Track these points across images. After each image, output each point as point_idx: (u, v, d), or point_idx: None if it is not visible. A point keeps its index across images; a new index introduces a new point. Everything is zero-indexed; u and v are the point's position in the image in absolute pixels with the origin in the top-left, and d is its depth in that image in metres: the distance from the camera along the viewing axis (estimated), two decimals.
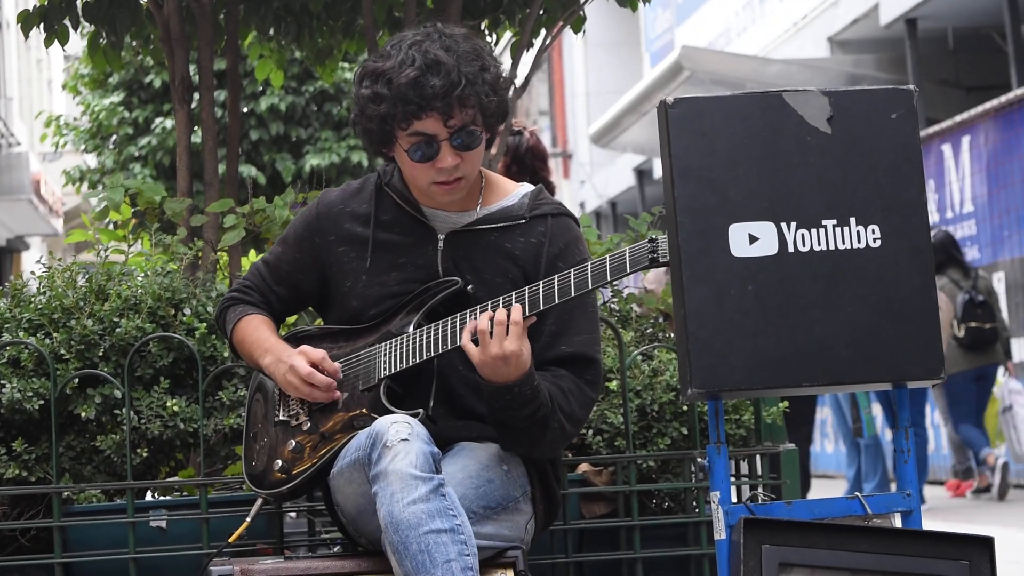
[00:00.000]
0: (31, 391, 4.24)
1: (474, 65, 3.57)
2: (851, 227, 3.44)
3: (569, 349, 3.64)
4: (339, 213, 3.77)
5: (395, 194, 3.74)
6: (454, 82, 3.53)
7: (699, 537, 4.33)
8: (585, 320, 3.67)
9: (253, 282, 3.87)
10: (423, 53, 3.55)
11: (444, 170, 3.59)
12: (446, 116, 3.55)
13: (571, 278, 3.45)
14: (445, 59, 3.54)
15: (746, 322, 3.38)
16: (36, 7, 5.68)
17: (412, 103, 3.53)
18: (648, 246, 3.40)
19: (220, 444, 4.35)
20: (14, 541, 4.32)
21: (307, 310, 4.20)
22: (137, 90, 14.84)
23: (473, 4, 5.75)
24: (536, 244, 3.65)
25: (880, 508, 3.58)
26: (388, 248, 3.71)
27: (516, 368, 3.46)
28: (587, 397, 3.65)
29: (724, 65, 18.85)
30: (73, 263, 4.58)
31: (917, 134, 3.52)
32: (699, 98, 3.48)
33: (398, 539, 3.32)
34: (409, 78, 3.52)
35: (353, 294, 3.72)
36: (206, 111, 5.56)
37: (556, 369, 3.62)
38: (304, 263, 3.80)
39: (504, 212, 3.72)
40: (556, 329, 3.64)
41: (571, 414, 3.60)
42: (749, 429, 4.48)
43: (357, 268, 3.72)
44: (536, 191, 3.77)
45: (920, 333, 3.46)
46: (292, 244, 3.82)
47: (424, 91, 3.52)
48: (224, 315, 3.87)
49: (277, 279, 3.84)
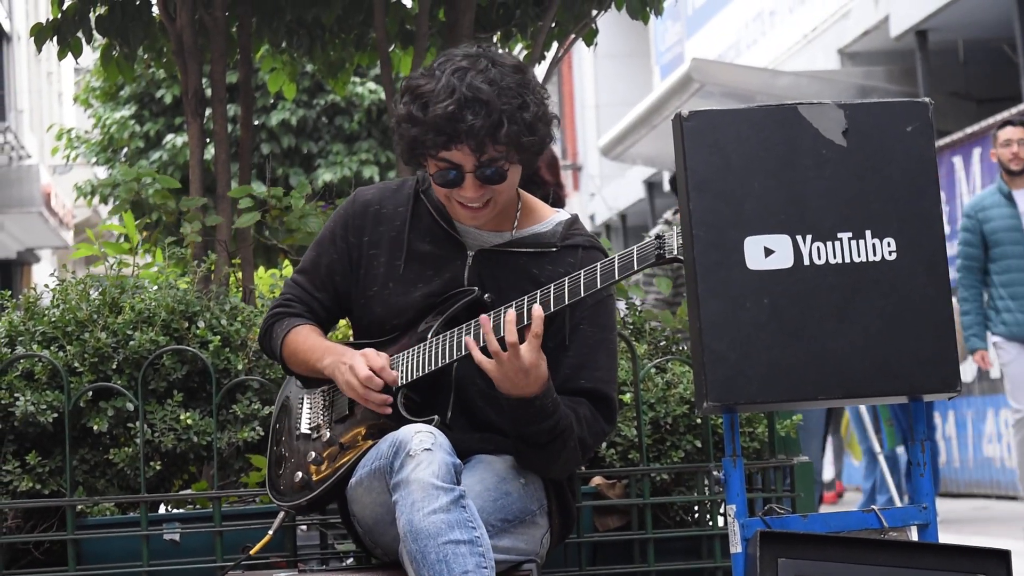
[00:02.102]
0: (45, 404, 4.24)
1: (514, 102, 3.49)
2: (867, 240, 3.44)
3: (588, 384, 3.62)
4: (376, 213, 3.74)
5: (431, 203, 3.72)
6: (493, 123, 3.47)
7: (713, 550, 4.32)
8: (606, 358, 3.65)
9: (293, 294, 3.79)
10: (466, 84, 3.48)
11: (464, 197, 3.58)
12: (477, 153, 3.50)
13: (580, 279, 3.43)
14: (486, 95, 3.47)
15: (761, 335, 3.37)
16: (49, 20, 5.70)
17: (444, 134, 3.49)
18: (655, 243, 3.39)
19: (233, 457, 4.35)
20: (28, 554, 4.33)
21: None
22: (148, 103, 14.84)
23: (485, 17, 5.76)
24: (564, 275, 3.54)
25: (896, 521, 3.57)
26: (419, 258, 3.69)
27: (535, 380, 3.45)
28: (600, 428, 3.64)
29: (734, 77, 18.85)
30: (87, 276, 4.59)
31: (932, 147, 3.51)
32: (714, 111, 3.47)
33: (416, 548, 3.31)
34: (446, 110, 3.46)
35: (379, 300, 3.69)
36: (218, 124, 5.57)
37: (575, 398, 3.62)
38: (340, 262, 3.74)
39: (536, 238, 3.69)
40: (577, 363, 3.62)
41: (583, 440, 3.59)
42: (763, 442, 4.48)
43: (386, 274, 3.69)
44: (570, 220, 3.73)
45: (936, 346, 3.45)
46: (327, 244, 3.76)
47: (458, 126, 3.47)
48: (270, 333, 3.79)
49: (317, 284, 3.78)
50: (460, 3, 5.50)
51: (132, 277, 4.81)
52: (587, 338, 3.62)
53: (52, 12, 5.75)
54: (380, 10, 5.49)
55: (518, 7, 5.73)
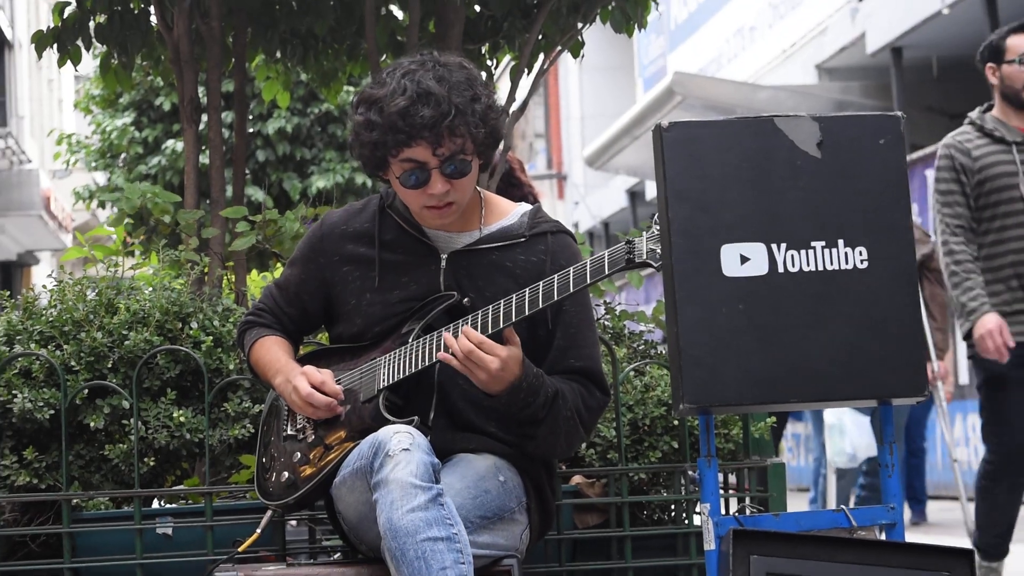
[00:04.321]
0: (42, 401, 4.24)
1: (465, 95, 3.57)
2: (839, 249, 3.45)
3: (578, 363, 3.68)
4: (342, 234, 3.79)
5: (397, 216, 3.75)
6: (443, 112, 3.53)
7: (688, 547, 4.33)
8: (589, 333, 3.72)
9: (267, 304, 3.89)
10: (415, 83, 3.55)
11: (434, 196, 3.61)
12: (435, 145, 3.55)
13: (555, 282, 3.47)
14: (436, 89, 3.54)
15: (737, 340, 3.38)
16: (50, 28, 5.70)
17: (402, 132, 3.54)
18: (625, 248, 3.42)
19: (225, 454, 4.35)
20: (24, 547, 4.32)
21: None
22: (147, 111, 14.83)
23: (474, 29, 5.77)
24: (538, 262, 3.66)
25: (865, 521, 3.59)
26: (392, 268, 3.72)
27: (510, 370, 3.50)
28: (597, 401, 3.69)
29: (715, 91, 18.89)
30: (84, 277, 4.59)
31: (904, 159, 3.52)
32: (693, 122, 3.48)
33: (396, 545, 3.32)
34: (399, 107, 3.53)
35: (358, 312, 3.73)
36: (214, 131, 5.57)
37: (567, 376, 3.67)
38: (309, 284, 3.82)
39: (504, 231, 3.73)
40: (564, 344, 3.68)
41: (579, 411, 3.64)
42: (737, 443, 4.49)
43: (362, 287, 3.73)
44: (534, 210, 3.79)
45: (905, 352, 3.46)
46: (299, 265, 3.85)
47: (413, 120, 3.53)
48: (242, 339, 3.90)
49: (287, 300, 3.86)
50: (449, 15, 5.51)
51: (128, 279, 4.81)
52: (571, 318, 3.68)
53: (53, 20, 5.75)
54: (371, 21, 5.49)
55: (506, 19, 5.73)
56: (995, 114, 5.83)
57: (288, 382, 3.69)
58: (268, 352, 3.80)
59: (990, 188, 5.64)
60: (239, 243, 5.08)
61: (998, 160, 5.66)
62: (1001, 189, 5.64)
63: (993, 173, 5.60)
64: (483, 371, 3.49)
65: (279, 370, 3.75)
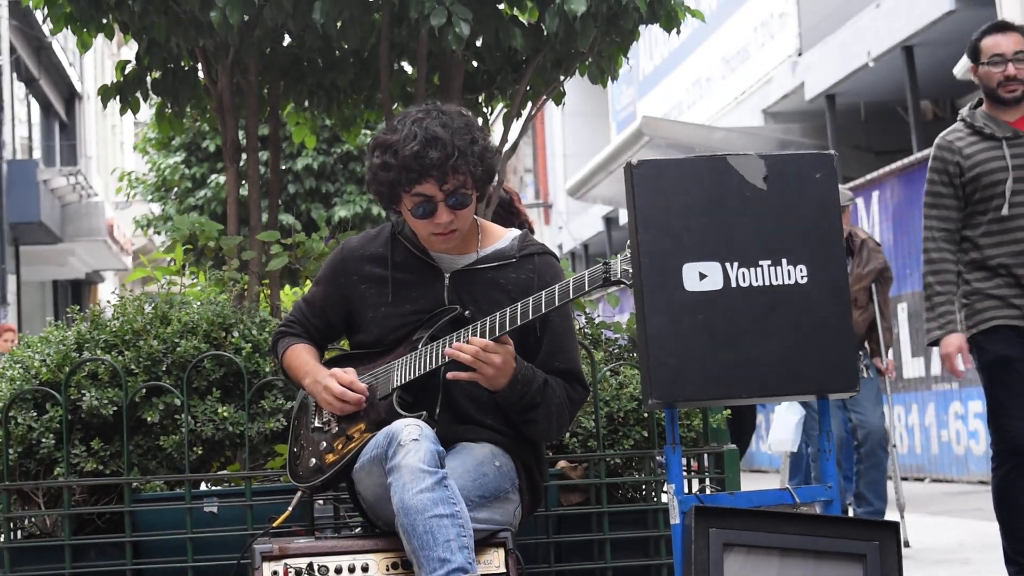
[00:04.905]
0: (106, 399, 4.23)
1: (465, 139, 3.58)
2: (783, 267, 3.45)
3: (562, 365, 3.69)
4: (360, 257, 3.78)
5: (407, 241, 3.75)
6: (448, 154, 3.55)
7: (657, 522, 4.31)
8: (572, 339, 3.73)
9: (296, 317, 3.89)
10: (424, 129, 3.56)
11: (440, 224, 3.61)
12: (441, 182, 3.57)
13: (542, 297, 3.48)
14: (442, 134, 3.55)
15: (697, 345, 3.38)
16: (113, 83, 5.71)
17: (414, 171, 3.56)
18: (602, 268, 3.41)
19: (262, 444, 4.34)
20: (92, 523, 4.31)
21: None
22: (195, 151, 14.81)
23: (472, 81, 5.77)
24: (527, 280, 3.67)
25: (806, 498, 3.58)
26: (403, 285, 3.72)
27: (509, 364, 3.52)
28: (579, 395, 3.70)
29: (677, 132, 18.90)
30: (143, 293, 4.58)
31: (836, 190, 3.53)
32: (659, 160, 3.48)
33: (407, 521, 3.32)
34: (412, 151, 3.55)
35: (375, 323, 3.73)
36: (252, 168, 5.57)
37: (552, 376, 3.67)
38: (332, 300, 3.81)
39: (498, 253, 3.73)
40: (550, 349, 3.68)
41: (563, 400, 3.64)
42: (698, 432, 4.48)
43: (377, 302, 3.73)
44: (523, 235, 3.79)
45: (838, 354, 3.46)
46: (323, 284, 3.84)
47: (424, 162, 3.54)
48: (276, 346, 3.90)
49: (314, 313, 3.86)
50: (451, 70, 5.51)
51: (179, 295, 4.80)
52: (556, 327, 3.68)
53: (116, 76, 5.76)
54: (385, 76, 5.49)
55: (499, 73, 5.74)
56: (984, 110, 5.16)
57: (317, 383, 3.69)
58: (298, 357, 3.80)
59: (981, 184, 5.05)
60: (274, 263, 5.07)
61: (989, 156, 5.06)
62: (991, 185, 5.05)
63: (983, 169, 5.02)
64: (490, 367, 3.49)
65: (308, 372, 3.75)
